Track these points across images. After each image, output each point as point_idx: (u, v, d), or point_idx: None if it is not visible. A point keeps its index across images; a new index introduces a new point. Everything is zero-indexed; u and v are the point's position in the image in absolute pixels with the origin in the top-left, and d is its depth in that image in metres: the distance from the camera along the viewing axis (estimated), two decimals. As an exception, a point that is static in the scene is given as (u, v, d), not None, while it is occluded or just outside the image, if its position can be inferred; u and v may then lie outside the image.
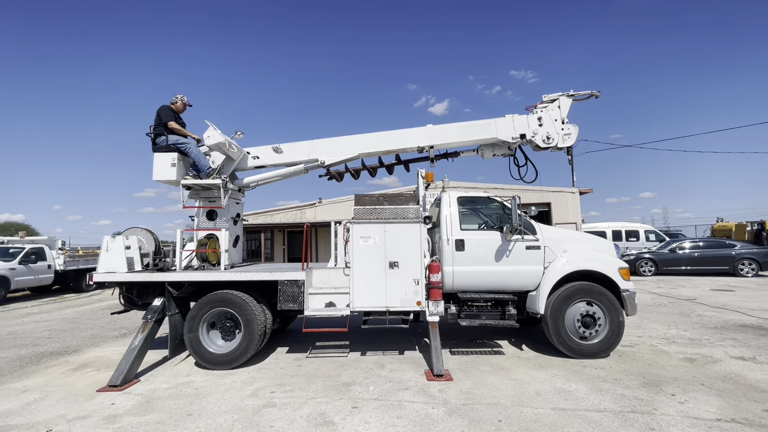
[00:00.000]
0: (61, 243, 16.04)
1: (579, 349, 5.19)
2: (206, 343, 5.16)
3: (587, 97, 6.12)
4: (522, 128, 6.00)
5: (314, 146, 6.33)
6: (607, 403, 3.86)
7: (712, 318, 7.58)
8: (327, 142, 6.35)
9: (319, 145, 6.33)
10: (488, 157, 6.51)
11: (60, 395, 4.42)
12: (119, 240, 5.48)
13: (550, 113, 6.00)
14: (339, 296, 5.37)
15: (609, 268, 5.34)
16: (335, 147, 6.32)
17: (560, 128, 5.95)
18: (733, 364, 4.90)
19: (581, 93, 6.08)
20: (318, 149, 6.31)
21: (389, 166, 6.73)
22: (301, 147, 6.35)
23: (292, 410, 3.86)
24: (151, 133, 5.80)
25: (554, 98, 6.07)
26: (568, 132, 5.95)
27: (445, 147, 6.47)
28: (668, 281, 13.41)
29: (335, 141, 6.36)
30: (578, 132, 5.98)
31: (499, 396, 4.08)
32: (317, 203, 21.31)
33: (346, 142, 6.33)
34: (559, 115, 5.98)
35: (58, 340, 7.11)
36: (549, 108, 6.04)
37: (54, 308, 11.02)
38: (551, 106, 6.04)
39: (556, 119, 5.97)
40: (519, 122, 6.02)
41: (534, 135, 5.96)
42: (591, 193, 20.41)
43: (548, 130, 5.96)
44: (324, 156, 6.28)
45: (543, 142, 5.96)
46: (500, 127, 6.05)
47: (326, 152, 6.30)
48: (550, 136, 5.95)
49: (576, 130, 5.97)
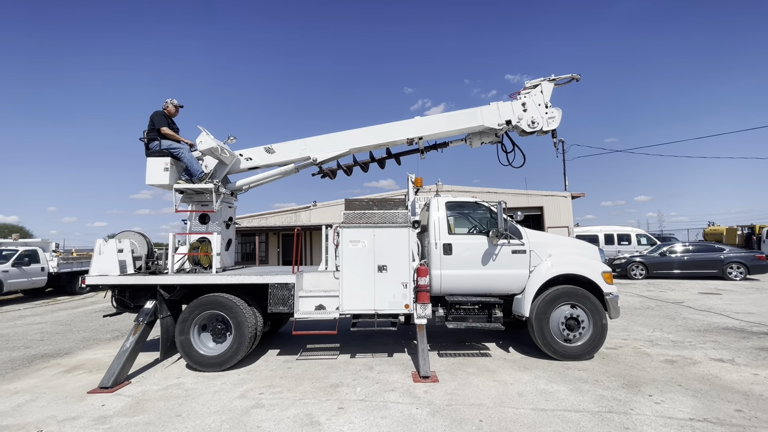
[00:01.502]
0: (55, 245, 15.99)
1: (563, 351, 5.31)
2: (197, 345, 5.23)
3: (568, 80, 6.30)
4: (507, 114, 6.18)
5: (306, 144, 6.44)
6: (586, 403, 3.97)
7: (696, 321, 7.74)
8: (318, 139, 6.46)
9: (310, 143, 6.44)
10: (476, 146, 6.66)
11: (51, 397, 4.47)
12: (112, 243, 5.55)
13: (533, 98, 6.18)
14: (329, 299, 5.46)
15: (592, 272, 5.48)
16: (326, 144, 6.44)
17: (544, 112, 6.14)
18: (712, 366, 5.04)
19: (562, 77, 6.27)
20: (310, 147, 6.42)
21: (380, 161, 6.83)
22: (292, 146, 6.46)
23: (280, 411, 3.94)
24: (145, 138, 5.89)
25: (536, 84, 6.27)
26: (552, 115, 6.14)
27: (434, 138, 6.60)
28: (658, 284, 13.59)
29: (326, 138, 6.47)
30: (562, 114, 6.16)
31: (482, 397, 4.18)
32: (312, 206, 21.38)
33: (336, 139, 6.44)
34: (542, 99, 6.17)
35: (51, 343, 7.15)
36: (532, 93, 6.22)
37: (47, 311, 11.02)
38: (534, 92, 6.23)
39: (539, 104, 6.16)
40: (504, 109, 6.20)
41: (519, 120, 6.14)
42: (583, 197, 20.61)
43: (533, 114, 6.14)
44: (316, 153, 6.39)
45: (528, 127, 6.14)
46: (486, 114, 6.22)
47: (318, 150, 6.41)
48: (534, 120, 6.13)
49: (560, 113, 6.16)
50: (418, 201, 6.97)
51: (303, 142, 6.46)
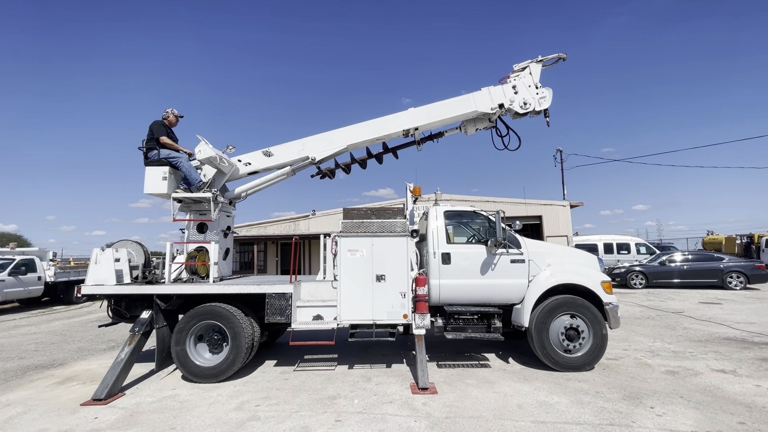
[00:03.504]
0: (53, 254, 15.95)
1: (563, 362, 5.25)
2: (193, 356, 5.17)
3: (555, 61, 6.40)
4: (499, 98, 6.25)
5: (303, 145, 6.46)
6: (587, 416, 3.91)
7: (697, 331, 7.68)
8: (315, 138, 6.49)
9: (308, 143, 6.47)
10: (471, 133, 6.71)
11: (43, 409, 4.40)
12: (109, 252, 5.52)
13: (523, 80, 6.28)
14: (327, 309, 5.41)
15: (592, 282, 5.45)
16: (324, 142, 6.46)
17: (535, 93, 6.23)
18: (714, 377, 4.98)
19: (549, 57, 6.37)
20: (307, 147, 6.45)
21: (378, 156, 6.85)
22: (290, 147, 6.49)
23: (276, 423, 3.88)
24: (144, 147, 5.90)
25: (524, 66, 6.37)
26: (542, 95, 6.23)
27: (430, 128, 6.64)
28: (658, 294, 13.54)
29: (323, 136, 6.49)
30: (552, 94, 6.24)
31: (481, 409, 4.12)
32: (311, 215, 21.37)
33: (333, 136, 6.47)
34: (532, 81, 6.26)
35: (45, 353, 7.06)
36: (521, 76, 6.31)
37: (42, 320, 10.91)
38: (523, 74, 6.32)
39: (529, 85, 6.25)
40: (495, 93, 6.28)
41: (511, 102, 6.22)
42: (582, 206, 20.65)
43: (524, 96, 6.22)
44: (314, 153, 6.41)
45: (521, 108, 6.21)
46: (478, 99, 6.29)
47: (316, 149, 6.43)
48: (526, 102, 6.21)
49: (550, 92, 6.25)
50: (417, 210, 6.97)
51: (300, 142, 6.48)
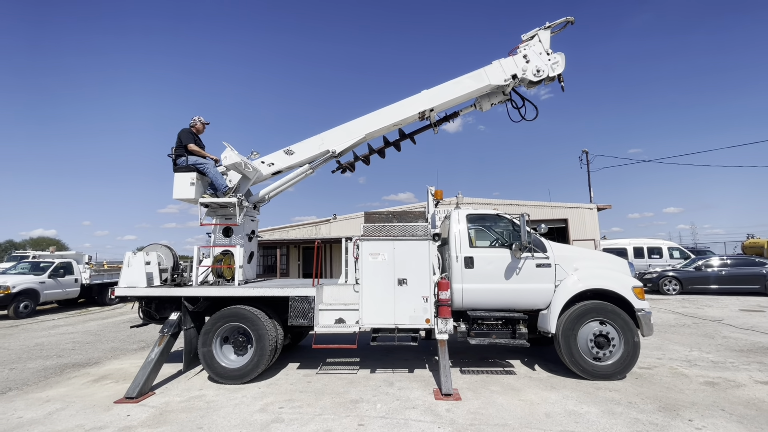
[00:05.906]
0: (88, 257, 16.74)
1: (592, 370, 5.06)
2: (219, 357, 5.28)
3: (564, 25, 6.29)
4: (511, 69, 6.18)
5: (322, 139, 6.54)
6: (619, 427, 3.75)
7: (738, 340, 7.25)
8: (334, 132, 6.56)
9: (326, 137, 6.54)
10: (487, 108, 6.66)
11: (80, 406, 4.59)
12: (140, 256, 5.73)
13: (533, 48, 6.19)
14: (349, 312, 5.43)
15: (622, 287, 5.24)
16: (342, 134, 6.52)
17: (546, 59, 6.14)
18: (758, 390, 4.68)
19: (557, 22, 6.27)
20: (326, 141, 6.52)
21: (395, 143, 6.87)
22: (310, 143, 6.58)
23: (299, 426, 3.90)
24: (173, 154, 6.12)
25: (533, 34, 6.29)
26: (555, 61, 6.13)
27: (444, 108, 6.62)
28: (694, 300, 12.88)
29: (341, 128, 6.55)
30: (565, 58, 6.13)
31: (507, 417, 4.02)
32: (332, 219, 21.57)
33: (351, 127, 6.52)
34: (542, 48, 6.18)
35: (81, 352, 7.39)
36: (531, 44, 6.23)
37: (79, 321, 11.44)
38: (532, 42, 6.24)
39: (540, 52, 6.16)
40: (507, 64, 6.21)
41: (524, 72, 6.14)
42: (609, 209, 19.96)
43: (536, 63, 6.14)
44: (334, 146, 6.47)
45: (534, 76, 6.13)
46: (491, 73, 6.22)
47: (335, 142, 6.49)
48: (539, 69, 6.12)
49: (563, 57, 6.13)
50: (438, 214, 6.91)
51: (319, 137, 6.56)
